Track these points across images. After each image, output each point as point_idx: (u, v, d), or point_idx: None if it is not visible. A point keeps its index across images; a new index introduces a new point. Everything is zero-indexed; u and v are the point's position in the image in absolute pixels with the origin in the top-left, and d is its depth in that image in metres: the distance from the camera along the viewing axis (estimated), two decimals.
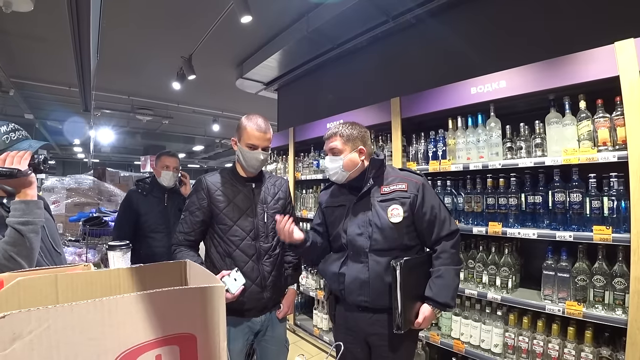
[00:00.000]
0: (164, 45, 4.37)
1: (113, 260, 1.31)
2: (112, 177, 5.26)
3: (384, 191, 1.53)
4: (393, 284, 1.42)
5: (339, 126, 1.59)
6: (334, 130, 1.58)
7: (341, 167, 1.54)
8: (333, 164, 1.56)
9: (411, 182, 1.53)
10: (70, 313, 0.44)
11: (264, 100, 5.64)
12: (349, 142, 1.55)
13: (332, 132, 1.58)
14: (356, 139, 1.56)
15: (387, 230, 1.48)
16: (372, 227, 1.49)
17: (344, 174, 1.56)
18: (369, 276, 1.48)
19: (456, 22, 2.92)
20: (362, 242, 1.50)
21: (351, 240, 1.53)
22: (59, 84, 5.72)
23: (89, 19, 2.63)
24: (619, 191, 1.67)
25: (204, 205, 1.57)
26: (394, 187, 1.53)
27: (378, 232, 1.48)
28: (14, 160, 1.08)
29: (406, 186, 1.52)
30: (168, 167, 2.41)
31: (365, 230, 1.50)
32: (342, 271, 1.54)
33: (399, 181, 1.54)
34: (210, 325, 0.55)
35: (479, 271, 2.14)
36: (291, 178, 3.58)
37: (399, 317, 1.40)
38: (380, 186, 1.55)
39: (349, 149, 1.54)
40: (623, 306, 1.61)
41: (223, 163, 16.33)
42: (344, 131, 1.56)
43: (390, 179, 1.56)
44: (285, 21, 3.75)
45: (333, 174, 1.58)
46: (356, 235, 1.52)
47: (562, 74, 1.81)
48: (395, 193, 1.52)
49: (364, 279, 1.49)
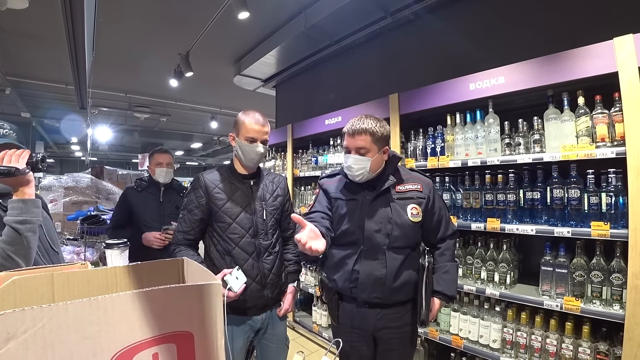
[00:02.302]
0: (161, 42, 4.35)
1: (111, 258, 1.30)
2: (110, 175, 5.24)
3: (399, 189, 1.53)
4: (420, 281, 1.48)
5: (368, 122, 1.43)
6: (363, 126, 1.42)
7: (368, 169, 1.45)
8: (359, 164, 1.45)
9: (424, 183, 1.56)
10: (66, 312, 0.44)
11: (262, 97, 5.62)
12: (379, 142, 1.45)
13: (362, 128, 1.42)
14: (385, 138, 1.47)
15: (406, 228, 1.49)
16: (392, 225, 1.48)
17: (369, 176, 1.49)
18: (385, 273, 1.47)
19: (454, 18, 2.91)
20: (380, 239, 1.48)
21: (368, 236, 1.48)
22: (55, 81, 5.68)
23: (83, 15, 2.60)
24: (617, 187, 1.67)
25: (203, 204, 1.55)
26: (410, 186, 1.53)
27: (398, 230, 1.48)
28: (11, 159, 1.07)
29: (421, 187, 1.54)
30: (161, 164, 2.45)
31: (384, 227, 1.48)
32: (356, 268, 1.50)
33: (413, 181, 1.55)
34: (208, 323, 0.55)
35: (478, 267, 2.14)
36: (290, 175, 3.58)
37: (423, 314, 1.46)
38: (396, 184, 1.53)
39: (376, 149, 1.45)
40: (620, 301, 1.62)
41: (221, 160, 16.31)
42: (375, 129, 1.42)
43: (405, 177, 1.56)
44: (283, 17, 3.73)
45: (358, 175, 1.47)
46: (374, 232, 1.48)
47: (560, 69, 1.80)
48: (412, 192, 1.52)
49: (379, 276, 1.47)
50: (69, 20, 2.71)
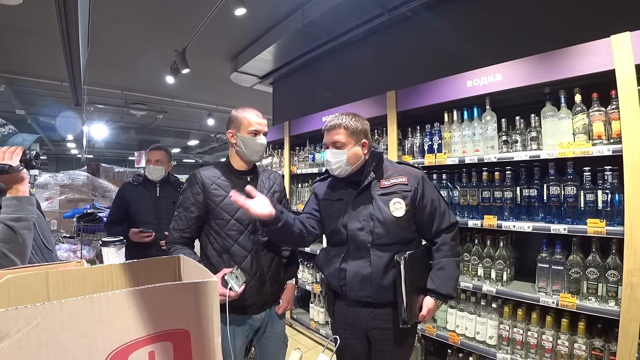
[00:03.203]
0: (157, 39, 4.31)
1: (107, 256, 1.30)
2: (106, 173, 5.21)
3: (384, 185, 1.51)
4: (397, 278, 1.41)
5: (342, 117, 1.51)
6: (337, 121, 1.50)
7: (345, 161, 1.49)
8: (336, 157, 1.50)
9: (411, 175, 1.52)
10: (60, 310, 0.43)
11: (259, 94, 5.60)
12: (354, 135, 1.49)
13: (336, 124, 1.50)
14: (360, 131, 1.51)
15: (389, 224, 1.46)
16: (374, 222, 1.47)
17: (347, 168, 1.51)
18: (371, 271, 1.46)
19: (452, 15, 2.90)
20: (364, 237, 1.48)
21: (352, 235, 1.50)
22: (51, 78, 5.63)
23: (77, 11, 2.57)
24: (613, 184, 1.68)
25: (200, 200, 1.53)
26: (394, 180, 1.51)
27: (380, 227, 1.46)
28: (5, 156, 1.06)
29: (407, 179, 1.51)
30: (150, 161, 2.47)
31: (367, 224, 1.48)
32: (343, 267, 1.51)
33: (398, 174, 1.53)
34: (204, 321, 0.55)
35: (474, 264, 2.15)
36: (287, 172, 3.57)
37: (404, 312, 1.39)
38: (379, 180, 1.52)
39: (353, 142, 1.49)
40: (616, 298, 1.63)
41: (218, 158, 16.25)
42: (349, 123, 1.49)
43: (389, 172, 1.54)
44: (280, 14, 3.70)
45: (336, 168, 1.51)
46: (357, 230, 1.49)
47: (558, 67, 1.81)
48: (396, 187, 1.50)
49: (365, 274, 1.46)
50: (62, 16, 2.68)
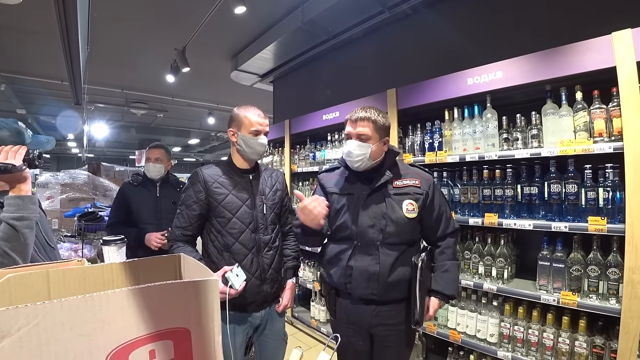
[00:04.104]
0: (157, 37, 4.30)
1: (108, 255, 1.30)
2: (107, 172, 5.23)
3: (397, 185, 1.51)
4: (413, 280, 1.44)
5: (371, 111, 1.48)
6: (366, 114, 1.47)
7: (368, 155, 1.47)
8: (360, 150, 1.46)
9: (424, 178, 1.54)
10: (60, 309, 0.43)
11: (260, 93, 5.59)
12: (380, 131, 1.47)
13: (365, 116, 1.46)
14: (386, 128, 1.50)
15: (401, 224, 1.47)
16: (386, 220, 1.47)
17: (368, 163, 1.49)
18: (379, 269, 1.46)
19: (452, 13, 2.89)
20: (374, 234, 1.47)
21: (362, 232, 1.48)
22: (51, 77, 5.62)
23: (76, 10, 2.57)
24: (614, 182, 1.67)
25: (202, 198, 1.54)
26: (407, 181, 1.52)
27: (392, 226, 1.46)
28: (8, 155, 1.06)
29: (419, 182, 1.52)
30: (149, 159, 2.45)
31: (378, 222, 1.47)
32: (350, 264, 1.50)
33: (411, 176, 1.53)
34: (205, 320, 0.55)
35: (475, 262, 2.15)
36: (287, 170, 3.57)
37: (417, 313, 1.42)
38: (393, 179, 1.52)
39: (377, 138, 1.47)
40: (617, 296, 1.63)
41: (219, 156, 16.26)
42: (378, 118, 1.47)
43: (403, 173, 1.55)
44: (280, 12, 3.69)
45: (357, 160, 1.48)
46: (367, 227, 1.48)
47: (558, 64, 1.80)
48: (409, 188, 1.51)
49: (372, 272, 1.46)
50: (62, 15, 2.68)
